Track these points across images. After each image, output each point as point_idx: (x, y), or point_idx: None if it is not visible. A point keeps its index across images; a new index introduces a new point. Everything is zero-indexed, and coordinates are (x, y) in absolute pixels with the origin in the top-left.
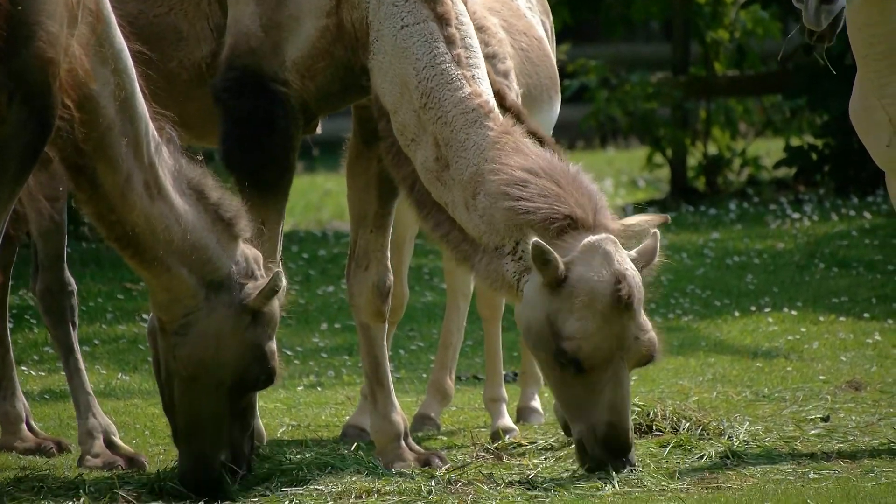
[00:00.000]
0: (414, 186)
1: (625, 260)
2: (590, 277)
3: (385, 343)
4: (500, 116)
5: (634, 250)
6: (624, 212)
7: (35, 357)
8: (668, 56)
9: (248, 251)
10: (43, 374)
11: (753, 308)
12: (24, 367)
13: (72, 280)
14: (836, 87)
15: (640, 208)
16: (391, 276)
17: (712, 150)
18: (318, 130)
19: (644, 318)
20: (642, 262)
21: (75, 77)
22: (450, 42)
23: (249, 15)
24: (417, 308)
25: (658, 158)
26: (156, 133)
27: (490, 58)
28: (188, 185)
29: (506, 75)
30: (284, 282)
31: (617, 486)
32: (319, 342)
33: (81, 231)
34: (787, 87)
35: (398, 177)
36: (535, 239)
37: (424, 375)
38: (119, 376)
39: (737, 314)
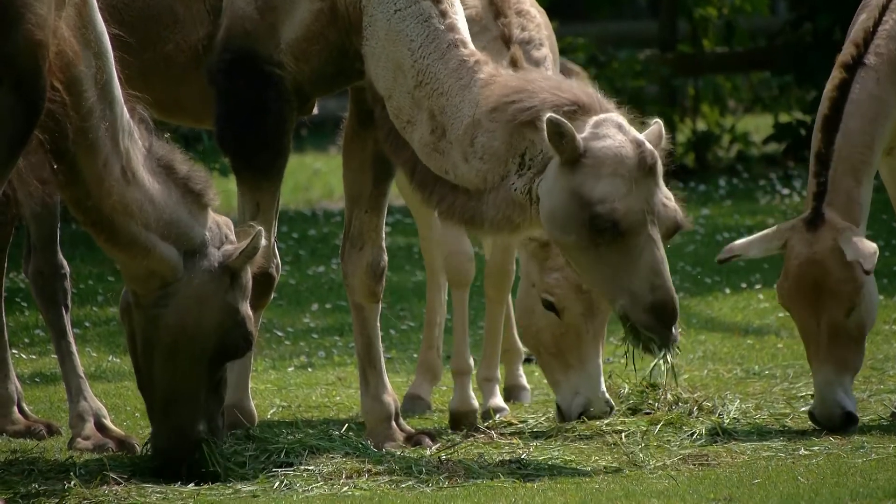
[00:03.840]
0: (415, 168)
1: (638, 133)
2: (610, 145)
3: (378, 323)
4: (491, 64)
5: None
6: None
7: (26, 340)
8: (656, 33)
9: (218, 218)
10: (34, 357)
11: (744, 285)
12: (14, 351)
13: (64, 263)
14: (824, 62)
15: None
16: (385, 257)
17: (701, 126)
18: (315, 111)
19: (668, 190)
20: (651, 143)
21: (63, 59)
22: (443, 14)
23: None
24: (408, 287)
25: None
26: (129, 116)
27: (525, 43)
28: (158, 163)
29: (538, 63)
30: (264, 241)
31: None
32: (310, 323)
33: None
34: (775, 63)
35: (399, 162)
36: (548, 114)
37: (415, 356)
38: (110, 359)
39: (727, 291)
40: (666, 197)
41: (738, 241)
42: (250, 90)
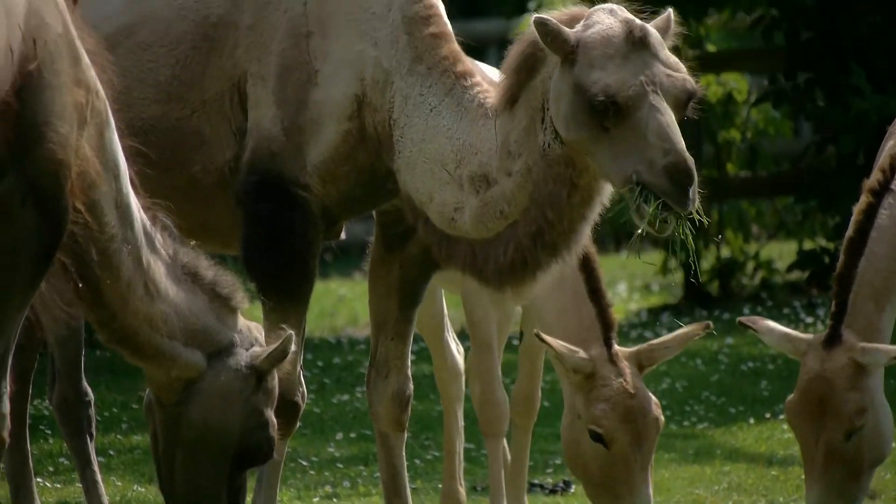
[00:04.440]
0: (475, 256)
1: (629, 14)
2: (597, 30)
3: (403, 453)
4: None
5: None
6: (638, 317)
7: (51, 468)
8: None
9: (249, 323)
10: (59, 485)
11: (768, 415)
12: (39, 479)
13: (89, 390)
14: (847, 187)
15: (654, 313)
16: (411, 385)
17: (725, 253)
18: (343, 236)
19: (675, 61)
20: (660, 29)
21: (86, 179)
22: (471, 86)
23: (271, 118)
24: (433, 416)
25: (671, 263)
26: (151, 227)
27: None
28: (183, 270)
29: None
30: (294, 346)
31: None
32: (335, 452)
33: (96, 339)
34: (800, 188)
35: (458, 263)
36: (533, 17)
37: (440, 486)
38: (135, 488)
39: (752, 421)
40: (670, 68)
41: (768, 322)
42: (277, 213)
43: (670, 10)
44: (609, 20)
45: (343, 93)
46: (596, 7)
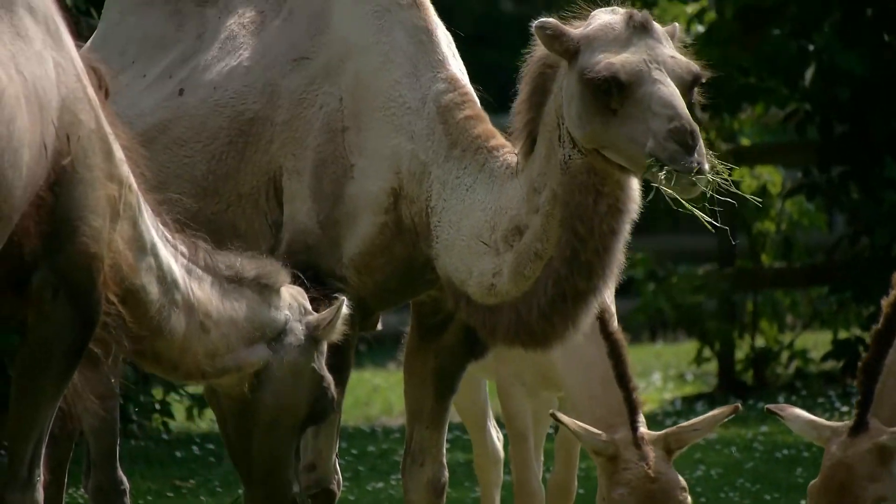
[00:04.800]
0: (519, 316)
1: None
2: (599, 22)
3: None
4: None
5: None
6: (673, 405)
7: None
8: (715, 248)
9: (291, 290)
10: None
11: (803, 502)
12: None
13: (124, 479)
14: (882, 280)
15: (688, 402)
16: (446, 473)
17: (760, 342)
18: (379, 327)
19: (678, 53)
20: (669, 34)
21: (118, 272)
22: (500, 150)
23: (306, 212)
24: None
25: (706, 352)
26: (191, 262)
27: None
28: (227, 281)
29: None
30: (346, 308)
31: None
32: None
33: (130, 428)
34: (834, 279)
35: (504, 335)
36: (534, 24)
37: None
38: None
39: None
40: (675, 54)
41: (795, 409)
42: (312, 305)
43: (676, 25)
44: (610, 15)
45: (379, 186)
46: (597, 10)
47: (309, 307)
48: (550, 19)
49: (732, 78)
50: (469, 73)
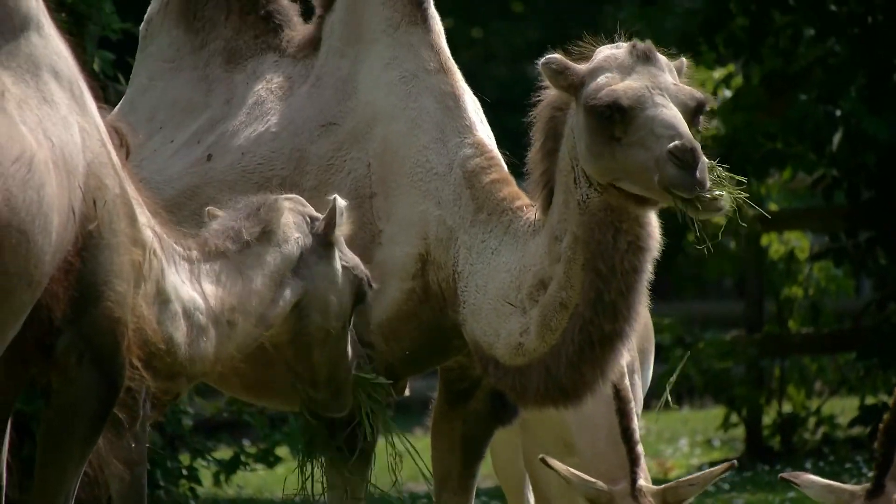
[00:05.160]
0: (549, 371)
1: None
2: (603, 55)
3: None
4: (518, 198)
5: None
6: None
7: None
8: (742, 314)
9: (290, 213)
10: None
11: None
12: None
13: None
14: None
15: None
16: None
17: (787, 408)
18: (407, 392)
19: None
20: (677, 69)
21: (141, 336)
22: (524, 210)
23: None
24: None
25: (733, 418)
26: (208, 265)
27: None
28: (239, 253)
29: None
30: (341, 202)
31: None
32: None
33: (157, 494)
34: (861, 344)
35: (534, 395)
36: (539, 63)
37: None
38: None
39: None
40: (675, 83)
41: (810, 476)
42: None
43: (683, 60)
44: (613, 48)
45: (407, 252)
46: (602, 46)
47: (311, 211)
48: (555, 55)
49: (759, 143)
50: (497, 138)
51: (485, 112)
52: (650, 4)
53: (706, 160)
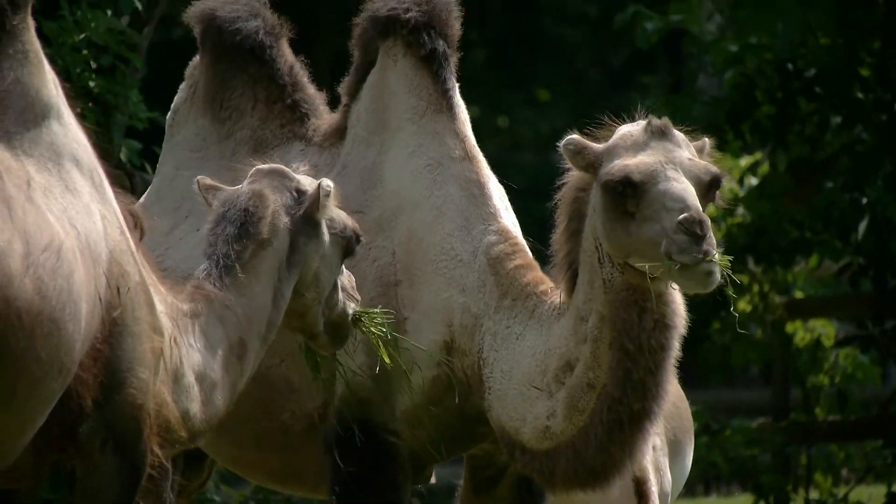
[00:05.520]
0: (577, 453)
1: None
2: (620, 133)
3: None
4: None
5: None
6: None
7: None
8: (768, 401)
9: (273, 201)
10: None
11: None
12: None
13: None
14: None
15: None
16: None
17: (814, 495)
18: (433, 480)
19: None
20: (697, 150)
21: (161, 422)
22: (548, 294)
23: (359, 366)
24: None
25: None
26: (211, 311)
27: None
28: (245, 288)
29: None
30: (327, 183)
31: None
32: None
33: None
34: (888, 432)
35: (563, 479)
36: (560, 145)
37: None
38: None
39: None
40: (690, 157)
41: None
42: (366, 459)
43: (706, 140)
44: (631, 125)
45: (432, 340)
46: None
47: (298, 184)
48: (574, 136)
49: (786, 231)
50: (523, 226)
51: (511, 200)
52: (676, 92)
53: (713, 237)
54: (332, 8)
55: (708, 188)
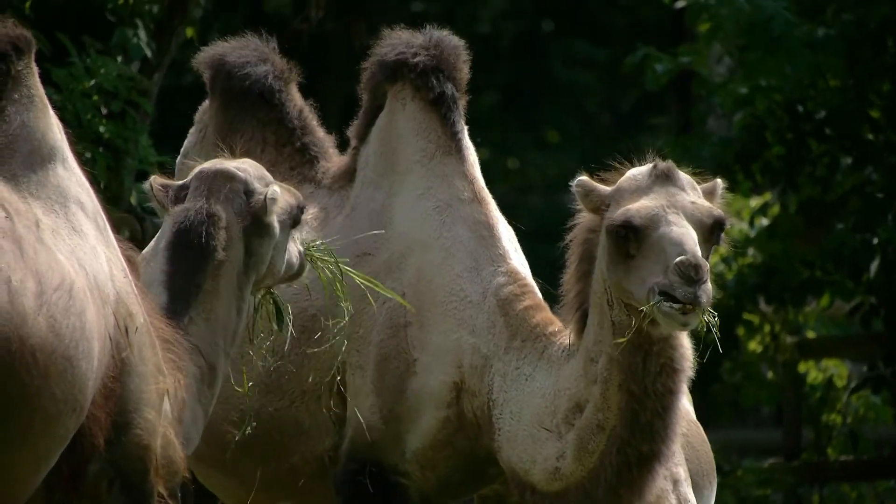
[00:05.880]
0: (587, 493)
1: None
2: (628, 176)
3: None
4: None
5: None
6: None
7: None
8: (780, 441)
9: (228, 213)
10: None
11: None
12: None
13: None
14: None
15: None
16: None
17: None
18: None
19: (703, 200)
20: (705, 194)
21: (167, 463)
22: (558, 335)
23: (369, 407)
24: None
25: None
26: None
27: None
28: (207, 313)
29: (676, 483)
30: (274, 190)
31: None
32: None
33: None
34: None
35: None
36: (573, 183)
37: None
38: None
39: None
40: (693, 201)
41: None
42: (376, 500)
43: (718, 181)
44: (638, 169)
45: (441, 381)
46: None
47: (244, 184)
48: (584, 178)
49: (797, 271)
50: (533, 268)
51: (521, 241)
52: (686, 133)
53: (709, 284)
54: (341, 52)
55: (710, 231)
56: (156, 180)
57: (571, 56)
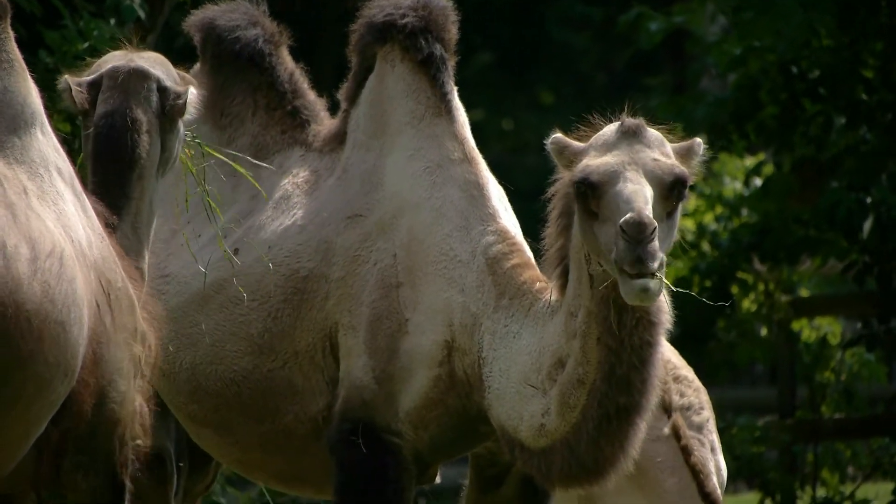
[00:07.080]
0: (572, 450)
1: None
2: (599, 133)
3: None
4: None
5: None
6: None
7: None
8: (774, 400)
9: (148, 115)
10: None
11: None
12: None
13: None
14: None
15: None
16: None
17: (821, 493)
18: (438, 479)
19: (670, 155)
20: (683, 153)
21: (134, 429)
22: (544, 292)
23: (362, 367)
24: None
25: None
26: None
27: (685, 409)
28: (132, 230)
29: (699, 428)
30: (192, 93)
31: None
32: None
33: None
34: (894, 429)
35: (560, 476)
36: (548, 140)
37: None
38: None
39: None
40: (655, 158)
41: None
42: (370, 460)
43: (697, 140)
44: (609, 126)
45: (433, 340)
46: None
47: (156, 81)
48: (558, 135)
49: (791, 230)
50: (527, 228)
51: (515, 201)
52: (680, 93)
53: (657, 243)
54: (332, 15)
55: (670, 189)
56: (71, 79)
57: (566, 16)
